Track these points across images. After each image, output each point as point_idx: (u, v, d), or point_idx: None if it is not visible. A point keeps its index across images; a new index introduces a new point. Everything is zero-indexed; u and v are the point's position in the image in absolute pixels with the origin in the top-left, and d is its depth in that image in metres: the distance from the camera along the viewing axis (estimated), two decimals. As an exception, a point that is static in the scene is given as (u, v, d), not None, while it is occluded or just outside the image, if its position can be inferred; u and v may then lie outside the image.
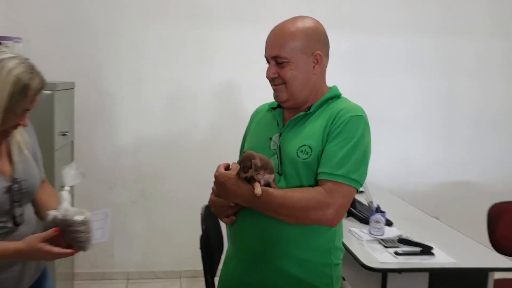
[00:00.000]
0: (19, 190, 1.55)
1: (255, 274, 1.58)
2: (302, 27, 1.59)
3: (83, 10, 3.58)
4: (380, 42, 3.99)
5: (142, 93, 3.72)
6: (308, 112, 1.61)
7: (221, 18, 3.67)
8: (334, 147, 1.51)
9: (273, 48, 1.58)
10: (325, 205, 1.46)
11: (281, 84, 1.59)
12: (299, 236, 1.55)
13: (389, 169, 4.11)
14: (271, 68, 1.59)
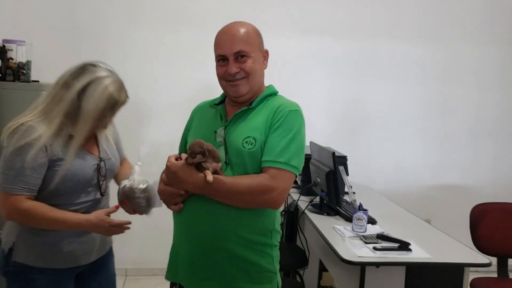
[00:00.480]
0: (104, 167, 1.90)
1: (205, 256, 1.71)
2: (252, 28, 1.79)
3: (85, 14, 3.72)
4: (375, 47, 4.09)
5: (144, 97, 3.84)
6: (250, 107, 1.77)
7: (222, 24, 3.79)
8: (275, 138, 1.68)
9: (235, 45, 1.71)
10: (270, 189, 1.63)
11: (243, 78, 1.73)
12: (245, 219, 1.69)
13: (383, 172, 4.20)
14: (232, 64, 1.72)
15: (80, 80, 1.77)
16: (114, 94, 1.79)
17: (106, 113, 1.82)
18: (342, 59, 4.09)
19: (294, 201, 3.24)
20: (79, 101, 1.76)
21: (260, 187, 1.63)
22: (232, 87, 1.76)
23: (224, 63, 1.74)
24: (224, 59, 1.74)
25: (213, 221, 1.69)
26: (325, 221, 2.82)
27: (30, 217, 1.76)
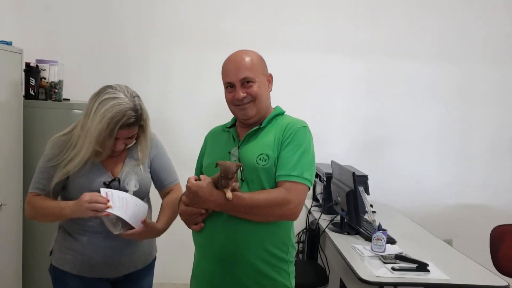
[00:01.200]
0: (118, 187, 1.93)
1: (224, 272, 1.77)
2: (256, 55, 1.90)
3: (113, 36, 3.84)
4: (394, 66, 4.11)
5: (168, 114, 3.95)
6: (260, 127, 1.88)
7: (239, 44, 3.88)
8: (287, 153, 1.78)
9: (240, 72, 1.84)
10: (286, 201, 1.72)
11: (250, 102, 1.85)
12: (262, 234, 1.77)
13: (403, 190, 4.19)
14: (239, 90, 1.84)
15: (92, 101, 1.89)
16: (114, 117, 1.81)
17: (105, 138, 1.84)
18: (362, 78, 4.13)
19: (315, 220, 3.28)
20: (85, 120, 1.87)
21: (277, 200, 1.71)
22: (240, 111, 1.87)
23: (232, 90, 1.86)
24: (232, 85, 1.86)
25: (231, 237, 1.76)
26: (345, 240, 2.86)
27: (32, 208, 1.93)
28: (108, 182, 1.93)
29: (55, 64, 3.24)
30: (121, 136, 1.90)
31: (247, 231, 1.75)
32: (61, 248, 1.99)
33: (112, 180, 1.94)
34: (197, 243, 1.89)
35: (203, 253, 1.85)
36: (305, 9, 4.00)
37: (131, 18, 3.87)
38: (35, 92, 3.14)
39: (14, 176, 2.85)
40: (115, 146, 1.92)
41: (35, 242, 3.05)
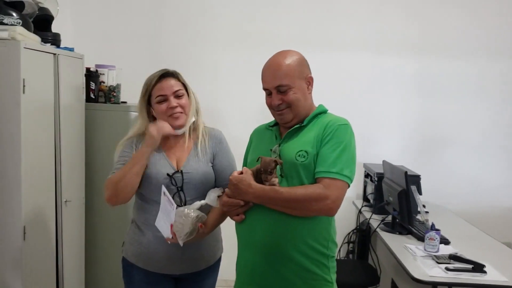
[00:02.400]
0: (181, 179, 1.99)
1: (265, 263, 1.81)
2: (294, 59, 1.89)
3: (167, 40, 3.98)
4: (449, 64, 4.04)
5: (220, 116, 4.04)
6: (302, 125, 1.90)
7: (287, 45, 3.92)
8: (327, 150, 1.80)
9: (275, 80, 1.86)
10: (324, 196, 1.73)
11: (286, 108, 1.88)
12: (303, 227, 1.79)
13: (458, 191, 4.10)
14: (275, 97, 1.87)
15: None
16: (149, 78, 2.04)
17: (147, 94, 2.02)
18: (414, 77, 4.07)
19: (365, 220, 3.27)
20: None
21: (314, 195, 1.74)
22: (278, 115, 1.92)
23: (270, 96, 1.91)
24: (269, 91, 1.90)
25: (272, 229, 1.80)
26: (397, 240, 2.84)
27: (110, 181, 1.96)
28: (171, 174, 1.99)
29: (113, 69, 3.39)
30: (164, 90, 2.00)
31: (287, 224, 1.79)
32: (131, 241, 2.08)
33: (174, 172, 2.00)
34: (238, 235, 1.94)
35: (244, 244, 1.90)
36: (353, 8, 3.99)
37: (183, 23, 3.98)
38: (95, 96, 3.30)
39: (77, 174, 3.01)
40: (168, 106, 1.99)
41: (96, 236, 3.21)
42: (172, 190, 1.98)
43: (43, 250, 2.59)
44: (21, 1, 2.38)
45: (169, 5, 3.97)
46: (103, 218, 3.20)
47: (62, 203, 2.74)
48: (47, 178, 2.63)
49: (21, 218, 2.29)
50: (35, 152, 2.42)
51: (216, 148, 2.12)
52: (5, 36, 2.18)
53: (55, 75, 2.66)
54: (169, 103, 2.00)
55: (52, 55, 2.63)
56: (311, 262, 1.81)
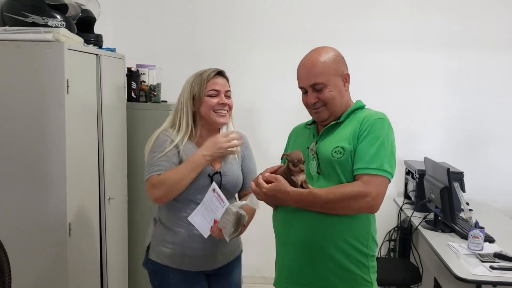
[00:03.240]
0: (220, 181, 2.05)
1: (303, 261, 1.80)
2: (329, 56, 1.86)
3: (205, 39, 4.02)
4: (493, 60, 3.93)
5: (258, 115, 4.05)
6: (338, 121, 1.86)
7: (326, 40, 3.89)
8: (365, 146, 1.76)
9: (310, 78, 1.84)
10: (364, 194, 1.70)
11: (322, 106, 1.85)
12: (341, 225, 1.77)
13: (503, 188, 3.98)
14: (311, 95, 1.85)
15: None
16: (200, 73, 2.10)
17: (198, 89, 2.06)
18: (458, 73, 3.97)
19: (407, 217, 3.21)
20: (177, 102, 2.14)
21: (353, 194, 1.71)
22: (314, 114, 1.90)
23: (305, 94, 1.88)
24: (305, 90, 1.88)
25: (310, 227, 1.78)
26: (439, 238, 2.78)
27: (164, 182, 1.96)
28: (211, 175, 2.04)
29: (153, 68, 3.45)
30: (218, 85, 2.07)
31: (326, 222, 1.77)
32: (160, 241, 2.08)
33: (215, 173, 2.05)
34: (276, 232, 1.94)
35: (282, 241, 1.90)
36: (393, 4, 3.93)
37: (220, 22, 4.02)
38: (136, 95, 3.37)
39: (120, 172, 3.08)
40: (218, 101, 2.05)
41: (138, 233, 3.27)
42: None
43: (87, 246, 2.67)
44: (65, 4, 2.45)
45: (206, 4, 4.01)
46: (145, 215, 3.27)
47: (105, 201, 2.82)
48: (91, 176, 2.70)
49: (66, 215, 2.35)
50: (79, 151, 2.49)
51: (244, 152, 2.20)
52: (50, 38, 2.25)
53: (98, 75, 2.73)
54: (220, 99, 2.06)
55: (95, 56, 2.70)
56: (350, 261, 1.78)
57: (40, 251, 2.36)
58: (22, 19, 2.30)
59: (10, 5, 2.34)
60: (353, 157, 1.77)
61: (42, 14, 2.33)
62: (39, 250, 2.35)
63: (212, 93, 2.06)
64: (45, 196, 2.33)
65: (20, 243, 2.34)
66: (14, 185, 2.34)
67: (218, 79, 2.08)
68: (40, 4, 2.34)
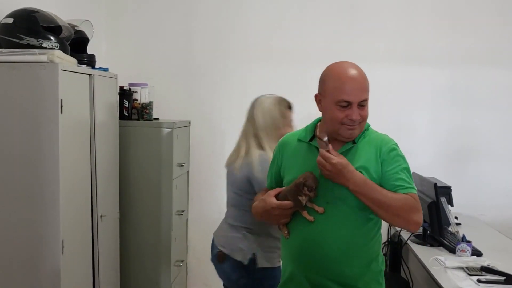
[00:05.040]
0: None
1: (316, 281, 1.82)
2: (364, 72, 1.84)
3: (199, 58, 4.07)
4: (478, 74, 3.99)
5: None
6: (354, 145, 1.85)
7: (317, 59, 3.94)
8: (395, 169, 1.79)
9: (362, 93, 1.78)
10: (419, 209, 1.78)
11: (360, 123, 1.81)
12: (363, 247, 1.81)
13: (492, 202, 4.03)
14: (356, 110, 1.77)
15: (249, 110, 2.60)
16: (281, 101, 2.56)
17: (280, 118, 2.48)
18: (446, 88, 4.04)
19: (397, 232, 3.26)
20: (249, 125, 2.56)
21: (415, 206, 1.75)
22: (348, 130, 1.80)
23: (346, 109, 1.77)
24: (348, 104, 1.76)
25: (325, 248, 1.79)
26: (428, 252, 2.82)
27: None
28: None
29: (146, 87, 3.50)
30: (291, 117, 2.49)
31: (338, 242, 1.78)
32: (266, 248, 2.37)
33: None
34: (288, 252, 1.91)
35: (295, 265, 1.88)
36: (382, 21, 4.00)
37: (212, 41, 4.06)
38: (128, 113, 3.41)
39: (112, 189, 3.11)
40: None
41: (130, 249, 3.31)
42: None
43: (80, 263, 2.69)
44: (59, 26, 2.50)
45: (198, 24, 4.07)
46: (137, 232, 3.30)
47: (98, 218, 2.85)
48: (84, 194, 2.73)
49: (60, 233, 2.38)
50: (72, 169, 2.53)
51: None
52: (44, 60, 2.30)
53: (91, 95, 2.77)
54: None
55: (88, 76, 2.74)
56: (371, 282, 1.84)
57: (34, 268, 2.37)
58: (17, 41, 2.35)
59: (5, 27, 2.38)
60: (384, 178, 1.79)
61: (36, 36, 2.38)
62: (32, 267, 2.37)
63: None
64: (38, 213, 2.36)
65: (13, 260, 2.37)
66: (8, 202, 2.37)
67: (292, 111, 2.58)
68: (35, 26, 2.39)
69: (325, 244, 1.78)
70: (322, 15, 4.02)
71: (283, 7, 4.02)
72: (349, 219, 1.80)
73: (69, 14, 2.91)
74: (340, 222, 1.79)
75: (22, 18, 2.39)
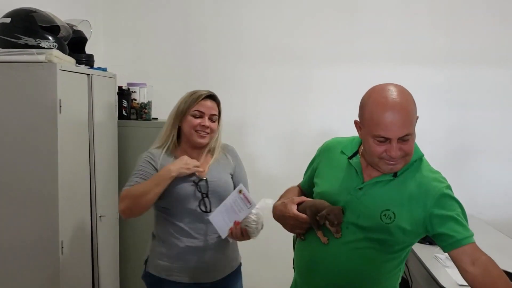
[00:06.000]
0: (206, 187, 2.10)
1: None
2: (410, 99, 1.59)
3: (196, 57, 4.07)
4: (476, 73, 4.00)
5: (248, 131, 4.10)
6: (394, 178, 1.64)
7: (316, 59, 3.96)
8: (452, 221, 1.62)
9: (403, 128, 1.53)
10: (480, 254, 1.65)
11: (402, 158, 1.59)
12: (374, 281, 1.68)
13: (491, 201, 4.04)
14: (396, 146, 1.54)
15: None
16: (191, 93, 2.18)
17: (186, 106, 2.15)
18: (444, 87, 4.04)
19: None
20: None
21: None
22: (388, 165, 1.60)
23: (384, 143, 1.56)
24: (386, 140, 1.56)
25: (332, 273, 1.68)
26: (427, 250, 2.82)
27: (128, 195, 2.02)
28: (197, 181, 2.10)
29: (144, 87, 3.50)
30: (204, 108, 2.13)
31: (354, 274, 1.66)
32: (157, 255, 2.12)
33: (200, 180, 2.11)
34: (297, 264, 1.83)
35: (301, 279, 1.79)
36: (380, 22, 4.00)
37: (211, 41, 4.07)
38: (127, 113, 3.41)
39: (111, 189, 3.11)
40: (201, 123, 2.11)
41: (129, 249, 3.31)
42: (198, 197, 2.08)
43: (80, 263, 2.69)
44: (57, 26, 2.50)
45: (197, 24, 4.06)
46: (136, 232, 3.29)
47: (97, 218, 2.84)
48: (83, 194, 2.74)
49: (59, 233, 2.38)
50: (71, 169, 2.53)
51: (235, 162, 2.26)
52: (43, 59, 2.30)
53: (89, 95, 2.77)
54: (203, 120, 2.13)
55: (86, 76, 2.74)
56: None
57: (33, 269, 2.38)
58: (15, 41, 2.35)
59: (3, 27, 2.38)
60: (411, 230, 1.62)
61: (34, 36, 2.38)
62: (31, 268, 2.37)
63: (196, 114, 2.14)
64: (37, 214, 2.36)
65: (12, 261, 2.37)
66: (6, 203, 2.37)
67: (206, 102, 2.16)
68: (33, 26, 2.39)
69: (333, 269, 1.67)
70: (321, 15, 4.02)
71: (282, 7, 4.02)
72: (365, 250, 1.65)
73: (67, 13, 2.91)
74: (355, 250, 1.65)
75: (20, 18, 2.39)
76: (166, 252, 2.10)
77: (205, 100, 2.15)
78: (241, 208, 1.94)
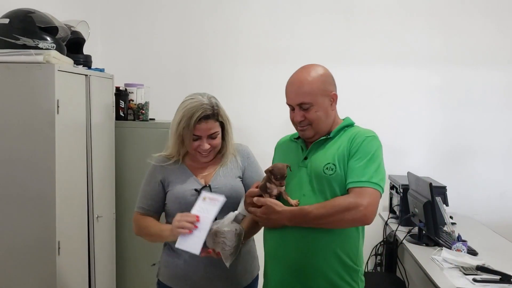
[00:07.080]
0: None
1: (294, 279, 1.84)
2: (317, 75, 1.89)
3: (193, 58, 4.08)
4: (473, 74, 4.01)
5: (246, 132, 4.09)
6: (328, 137, 1.91)
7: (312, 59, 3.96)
8: (355, 162, 1.81)
9: (297, 97, 1.87)
10: (355, 205, 1.74)
11: (308, 125, 1.89)
12: (334, 242, 1.82)
13: (487, 202, 4.05)
14: (298, 113, 1.88)
15: None
16: (190, 109, 1.94)
17: (184, 127, 1.94)
18: (440, 88, 4.06)
19: (392, 232, 3.27)
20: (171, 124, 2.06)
21: (344, 205, 1.75)
22: (300, 131, 1.94)
23: (293, 111, 1.91)
24: (292, 107, 1.91)
25: (302, 246, 1.82)
26: (423, 252, 2.84)
27: (137, 227, 2.08)
28: (199, 189, 1.99)
29: (142, 87, 3.49)
30: (200, 131, 1.95)
31: (317, 238, 1.81)
32: (166, 263, 2.08)
33: (203, 187, 2.00)
34: (267, 250, 1.95)
35: (272, 257, 1.92)
36: (376, 22, 4.02)
37: (208, 42, 4.07)
38: (124, 114, 3.40)
39: (108, 190, 3.11)
40: (199, 146, 1.98)
41: (126, 250, 3.31)
42: None
43: (76, 264, 2.68)
44: (55, 26, 2.50)
45: (194, 25, 4.07)
46: (133, 232, 3.28)
47: (94, 219, 2.84)
48: (80, 195, 2.73)
49: (56, 234, 2.38)
50: (68, 170, 2.53)
51: (244, 163, 2.14)
52: (41, 60, 2.30)
53: (87, 95, 2.77)
54: (201, 143, 1.99)
55: (84, 76, 2.74)
56: (342, 279, 1.82)
57: (30, 270, 2.38)
58: (13, 41, 2.35)
59: (1, 28, 2.38)
60: (346, 173, 1.82)
61: (32, 36, 2.38)
62: (28, 268, 2.37)
63: (193, 138, 1.98)
64: (34, 214, 2.36)
65: (9, 261, 2.36)
66: (3, 203, 2.37)
67: (201, 125, 1.95)
68: (31, 26, 2.39)
69: (296, 233, 1.82)
70: (317, 16, 4.04)
71: (278, 8, 4.04)
72: None
73: (65, 14, 2.92)
74: None
75: (18, 19, 2.39)
76: (173, 261, 2.06)
77: (200, 124, 1.95)
78: (209, 209, 1.85)
